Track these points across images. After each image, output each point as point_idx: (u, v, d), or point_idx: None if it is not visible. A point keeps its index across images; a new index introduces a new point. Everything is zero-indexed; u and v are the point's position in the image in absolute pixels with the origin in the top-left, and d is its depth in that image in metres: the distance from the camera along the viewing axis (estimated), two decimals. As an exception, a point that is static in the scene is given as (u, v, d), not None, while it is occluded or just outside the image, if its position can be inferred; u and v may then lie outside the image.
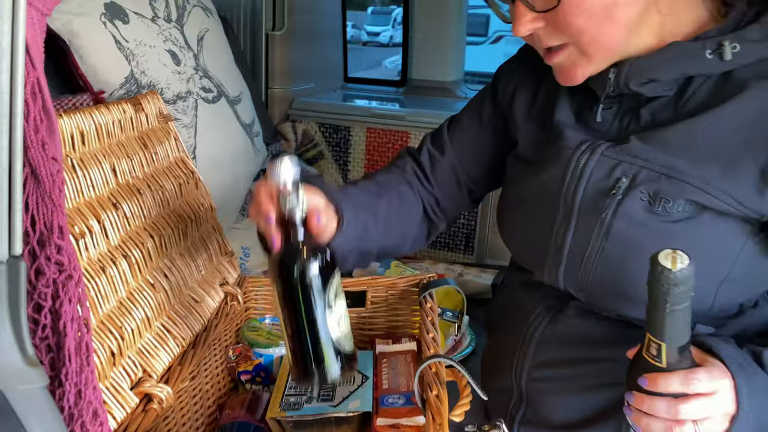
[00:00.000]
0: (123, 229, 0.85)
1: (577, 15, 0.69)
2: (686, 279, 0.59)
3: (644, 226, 0.71)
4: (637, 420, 0.66)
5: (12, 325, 0.45)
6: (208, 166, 1.24)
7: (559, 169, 0.78)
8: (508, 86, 0.91)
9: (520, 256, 0.90)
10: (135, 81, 1.09)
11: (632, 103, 0.76)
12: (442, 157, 0.97)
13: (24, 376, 0.45)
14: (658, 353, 0.63)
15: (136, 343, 0.80)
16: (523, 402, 0.88)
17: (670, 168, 0.70)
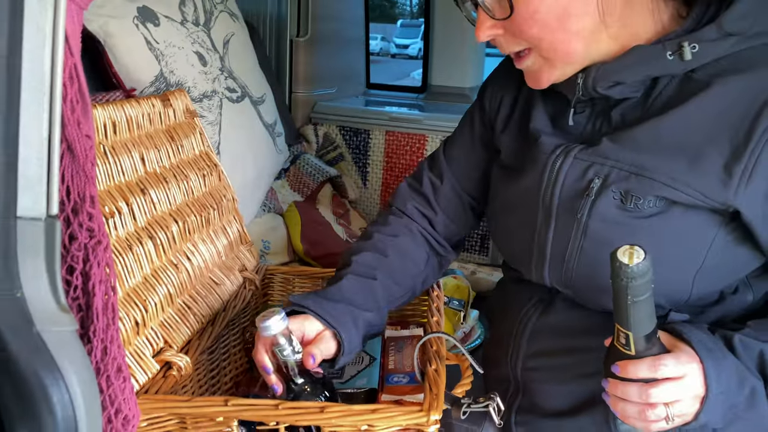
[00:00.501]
0: (150, 212, 0.92)
1: (531, 25, 0.73)
2: (643, 273, 0.62)
3: (618, 224, 0.75)
4: (614, 405, 0.70)
5: (48, 275, 0.51)
6: (231, 161, 1.30)
7: (536, 174, 0.82)
8: (493, 98, 0.95)
9: (509, 257, 0.94)
10: (164, 79, 1.17)
11: (603, 105, 0.80)
12: (442, 183, 1.00)
13: (57, 319, 0.51)
14: (627, 342, 0.67)
15: (158, 316, 0.86)
16: (519, 391, 0.92)
17: (639, 166, 0.74)
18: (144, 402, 0.72)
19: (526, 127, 0.88)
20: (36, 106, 0.49)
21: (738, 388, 0.68)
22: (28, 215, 0.50)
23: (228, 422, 0.73)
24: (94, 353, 0.61)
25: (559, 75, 0.78)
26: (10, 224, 0.49)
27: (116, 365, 0.64)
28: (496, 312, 1.03)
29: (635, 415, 0.68)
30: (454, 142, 1.02)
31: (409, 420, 0.70)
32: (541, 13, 0.72)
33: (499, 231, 0.93)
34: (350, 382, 0.93)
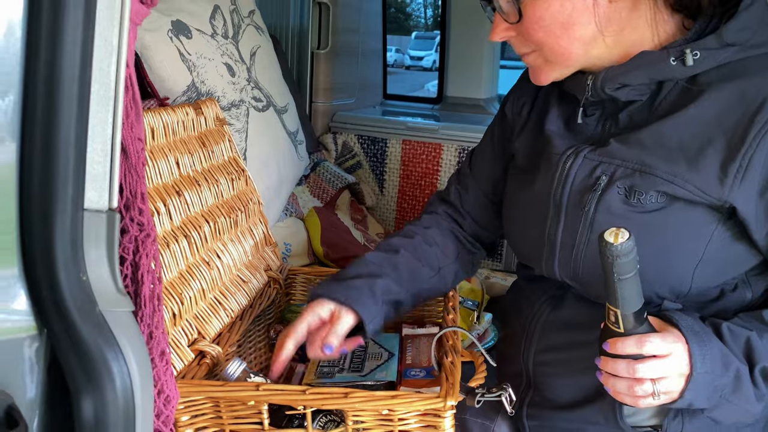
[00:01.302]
0: (184, 213, 0.98)
1: (536, 30, 0.81)
2: (627, 251, 0.68)
3: (622, 218, 0.80)
4: (605, 381, 0.76)
5: (108, 262, 0.58)
6: (257, 167, 1.37)
7: (548, 174, 0.88)
8: (515, 106, 1.02)
9: (521, 253, 0.99)
10: (195, 89, 1.24)
11: (612, 108, 0.86)
12: (467, 191, 1.09)
13: (116, 301, 0.57)
14: (616, 320, 0.72)
15: (192, 309, 0.92)
16: (531, 385, 0.96)
17: (643, 164, 0.80)
18: (182, 386, 0.78)
19: (540, 130, 0.94)
20: (103, 112, 0.56)
21: (723, 371, 0.73)
22: (93, 207, 0.56)
23: (258, 406, 0.79)
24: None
25: (558, 75, 0.87)
26: (78, 215, 0.55)
27: (160, 349, 0.70)
28: (509, 311, 1.08)
29: (624, 390, 0.73)
30: (478, 152, 1.10)
31: (427, 405, 0.76)
32: (546, 20, 0.80)
33: (513, 229, 0.99)
34: (370, 375, 0.98)
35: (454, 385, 0.78)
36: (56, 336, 0.55)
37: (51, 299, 0.54)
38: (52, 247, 0.54)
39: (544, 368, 0.93)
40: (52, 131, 0.53)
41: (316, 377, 0.98)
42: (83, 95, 0.54)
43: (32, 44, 0.51)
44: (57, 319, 0.55)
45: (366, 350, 1.06)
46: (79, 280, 0.56)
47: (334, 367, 1.01)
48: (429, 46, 17.21)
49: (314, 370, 1.00)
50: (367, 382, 0.96)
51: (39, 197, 0.53)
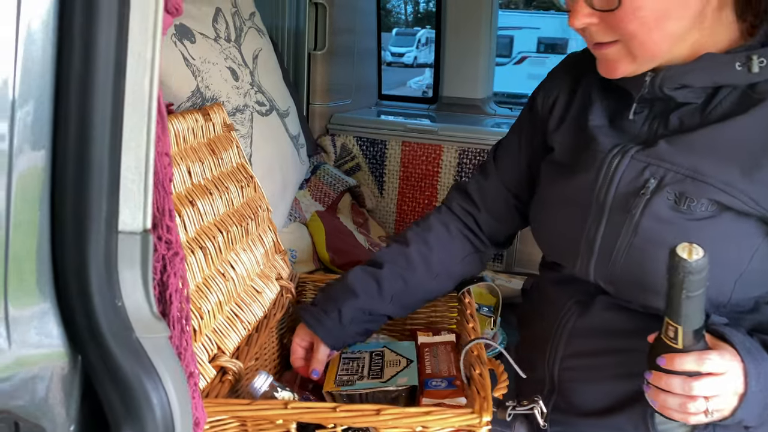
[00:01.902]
0: (198, 223, 0.96)
1: (631, 20, 0.75)
2: (701, 268, 0.67)
3: (669, 224, 0.79)
4: (655, 396, 0.74)
5: (143, 286, 0.55)
6: (262, 173, 1.34)
7: (592, 172, 0.85)
8: (547, 99, 0.99)
9: (554, 251, 0.97)
10: (200, 94, 1.20)
11: (662, 108, 0.84)
12: (486, 180, 1.07)
13: (152, 326, 0.55)
14: (675, 336, 0.71)
15: (211, 323, 0.89)
16: (555, 390, 0.95)
17: (695, 171, 0.78)
18: (207, 405, 0.75)
19: (583, 125, 0.91)
20: (137, 129, 0.53)
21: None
22: (127, 229, 0.54)
23: (287, 425, 0.77)
24: (168, 359, 0.65)
25: (635, 69, 0.81)
26: (112, 238, 0.52)
27: (189, 370, 0.68)
28: (530, 315, 1.06)
29: (675, 407, 0.72)
30: (504, 144, 1.08)
31: (461, 422, 0.74)
32: (645, 10, 0.74)
33: (546, 225, 0.96)
34: (391, 381, 0.96)
35: (487, 399, 0.76)
36: (92, 365, 0.53)
37: (86, 326, 0.52)
38: (86, 272, 0.51)
39: (571, 374, 0.92)
40: (85, 150, 0.50)
41: (336, 385, 0.96)
42: (117, 112, 0.51)
43: (64, 59, 0.49)
44: (92, 347, 0.52)
45: (383, 358, 1.04)
46: (115, 306, 0.53)
47: (353, 375, 0.99)
48: (409, 43, 17.20)
49: (333, 379, 0.98)
50: (389, 387, 0.94)
51: (72, 220, 0.51)
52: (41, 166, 0.50)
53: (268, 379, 0.82)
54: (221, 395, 0.81)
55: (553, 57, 13.16)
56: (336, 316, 0.99)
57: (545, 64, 13.77)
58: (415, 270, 1.02)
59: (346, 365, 1.01)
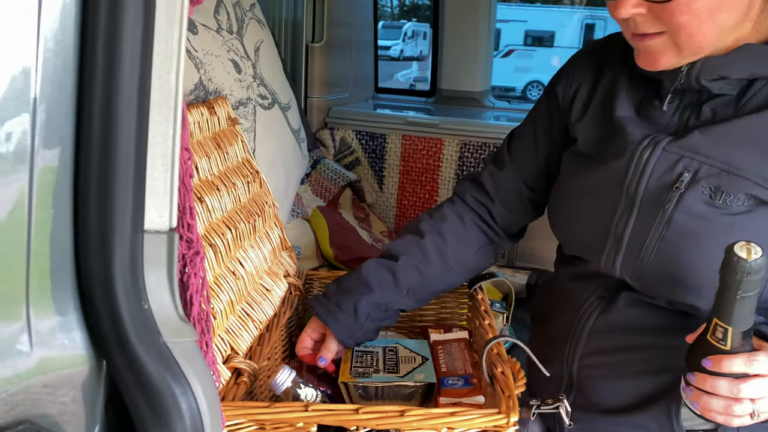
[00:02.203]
0: (207, 220, 0.93)
1: (683, 12, 0.72)
2: (759, 268, 0.64)
3: (704, 219, 0.77)
4: (697, 398, 0.72)
5: (169, 287, 0.53)
6: (266, 168, 1.31)
7: (621, 163, 0.83)
8: (568, 89, 0.97)
9: (577, 245, 0.94)
10: (203, 88, 1.17)
11: (694, 98, 0.82)
12: (501, 171, 1.04)
13: (180, 330, 0.52)
14: (724, 337, 0.68)
15: (224, 323, 0.87)
16: (573, 388, 0.93)
17: (730, 164, 0.76)
18: (225, 409, 0.73)
19: (608, 114, 0.89)
20: (164, 123, 0.50)
21: None
22: (153, 228, 0.51)
23: (307, 427, 0.75)
24: (187, 361, 0.62)
25: (677, 62, 0.78)
26: (138, 237, 0.50)
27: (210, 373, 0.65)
28: (545, 311, 1.04)
29: (720, 409, 0.70)
30: (518, 134, 1.05)
31: (489, 422, 0.72)
32: (698, 2, 0.71)
33: (569, 218, 0.94)
34: (409, 375, 0.94)
35: (512, 398, 0.75)
36: (118, 370, 0.50)
37: (111, 331, 0.49)
38: (111, 274, 0.49)
39: (591, 371, 0.90)
40: (110, 146, 0.47)
41: (352, 376, 0.93)
42: (143, 104, 0.49)
43: (88, 51, 0.46)
44: (118, 352, 0.50)
45: (396, 354, 1.02)
46: (141, 309, 0.50)
47: (369, 368, 0.97)
48: (396, 36, 17.13)
49: (348, 370, 0.95)
50: (407, 382, 0.92)
51: (96, 219, 0.48)
52: (64, 163, 0.47)
53: (291, 375, 0.79)
54: (237, 398, 0.79)
55: (540, 50, 13.15)
56: (351, 311, 0.96)
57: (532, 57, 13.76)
58: (431, 262, 1.00)
59: (360, 358, 0.98)
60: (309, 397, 0.80)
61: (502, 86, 11.88)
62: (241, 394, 0.80)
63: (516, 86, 11.47)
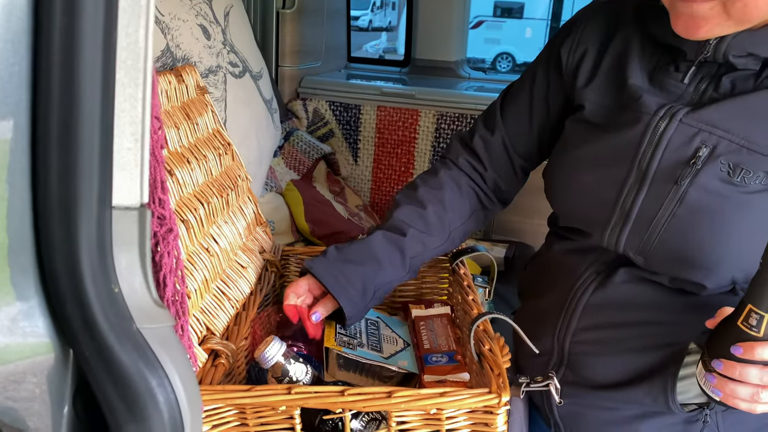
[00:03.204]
0: (178, 195, 0.88)
1: None
2: None
3: (720, 196, 0.74)
4: (722, 386, 0.69)
5: (141, 268, 0.48)
6: (238, 139, 1.26)
7: (635, 134, 0.79)
8: (573, 53, 0.91)
9: (579, 218, 0.90)
10: (171, 54, 1.11)
11: (712, 69, 0.78)
12: (492, 136, 1.00)
13: (154, 315, 0.48)
14: (758, 324, 0.65)
15: (198, 303, 0.83)
16: (564, 363, 0.91)
17: (751, 141, 0.73)
18: (203, 393, 0.69)
19: (619, 81, 0.85)
20: (132, 86, 0.45)
21: None
22: (123, 204, 0.46)
23: (290, 411, 0.71)
24: (162, 346, 0.58)
25: (719, 32, 0.73)
26: (105, 214, 0.45)
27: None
28: (534, 286, 1.02)
29: (747, 397, 0.67)
30: (512, 97, 1.00)
31: (479, 402, 0.70)
32: None
33: (572, 190, 0.89)
34: (393, 358, 0.91)
35: (503, 377, 0.72)
36: (86, 360, 0.46)
37: (78, 317, 0.45)
38: (76, 255, 0.44)
39: (584, 347, 0.88)
40: (72, 112, 0.42)
41: (337, 344, 0.90)
42: (108, 65, 0.43)
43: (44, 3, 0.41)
44: (86, 340, 0.45)
45: (378, 330, 0.99)
46: (111, 293, 0.46)
47: (353, 339, 0.94)
48: (364, 6, 16.87)
49: (333, 336, 0.91)
50: (391, 366, 0.90)
51: (58, 194, 0.43)
52: (17, 133, 0.42)
53: (281, 348, 0.75)
54: (215, 381, 0.75)
55: (510, 21, 13.09)
56: (360, 287, 0.91)
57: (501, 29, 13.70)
58: (432, 233, 0.97)
59: (342, 327, 0.95)
60: (298, 373, 0.76)
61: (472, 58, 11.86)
62: (219, 376, 0.76)
63: (486, 58, 11.41)
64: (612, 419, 0.87)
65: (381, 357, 0.90)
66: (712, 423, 0.81)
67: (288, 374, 0.74)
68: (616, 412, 0.87)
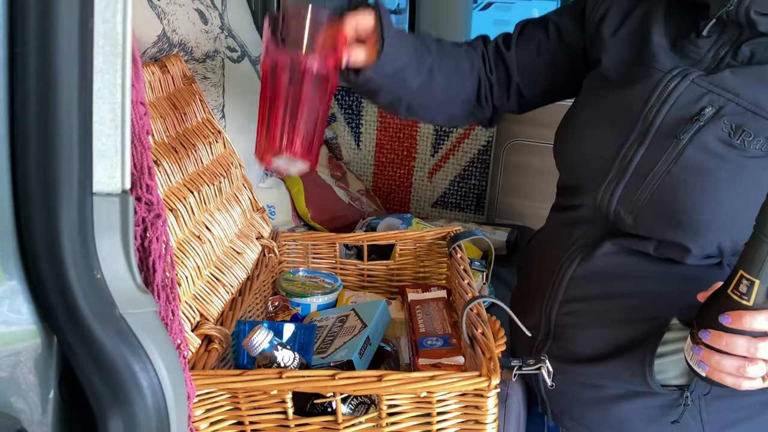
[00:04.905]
0: (166, 184, 0.88)
1: None
2: None
3: (717, 156, 0.73)
4: (708, 358, 0.67)
5: (124, 254, 0.48)
6: (236, 125, 1.26)
7: (645, 89, 0.80)
8: (598, 7, 0.91)
9: (578, 171, 0.90)
10: (167, 39, 1.11)
11: (734, 35, 0.77)
12: (506, 51, 0.98)
13: (138, 300, 0.48)
14: (748, 291, 0.63)
15: (191, 289, 0.83)
16: (550, 337, 0.91)
17: (759, 106, 0.72)
18: (195, 378, 0.70)
19: (641, 41, 0.84)
20: (110, 72, 0.45)
21: None
22: (104, 190, 0.47)
23: (282, 395, 0.72)
24: (153, 331, 0.59)
25: None
26: (86, 201, 0.45)
27: (176, 343, 0.62)
28: (530, 261, 1.01)
29: (732, 370, 0.65)
30: (534, 28, 0.98)
31: (469, 385, 0.70)
32: None
33: (576, 143, 0.90)
34: (331, 356, 0.88)
35: (494, 360, 0.72)
36: (70, 346, 0.46)
37: (61, 303, 0.45)
38: (57, 242, 0.44)
39: (569, 319, 0.88)
40: (49, 98, 0.42)
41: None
42: (85, 52, 0.43)
43: (18, -12, 0.40)
44: (69, 326, 0.46)
45: (343, 324, 0.98)
46: (93, 279, 0.46)
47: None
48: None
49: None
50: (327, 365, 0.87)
51: (38, 181, 0.43)
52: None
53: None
54: (208, 366, 0.75)
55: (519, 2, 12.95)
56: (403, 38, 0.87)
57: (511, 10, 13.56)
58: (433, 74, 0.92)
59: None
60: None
61: (481, 41, 11.67)
62: (213, 361, 0.77)
63: (495, 41, 11.27)
64: (594, 397, 0.87)
65: (320, 358, 0.89)
66: (693, 408, 0.81)
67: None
68: (599, 390, 0.86)
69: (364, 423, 0.74)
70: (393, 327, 1.04)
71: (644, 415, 0.84)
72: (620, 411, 0.85)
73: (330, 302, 1.11)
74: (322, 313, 1.05)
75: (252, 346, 0.74)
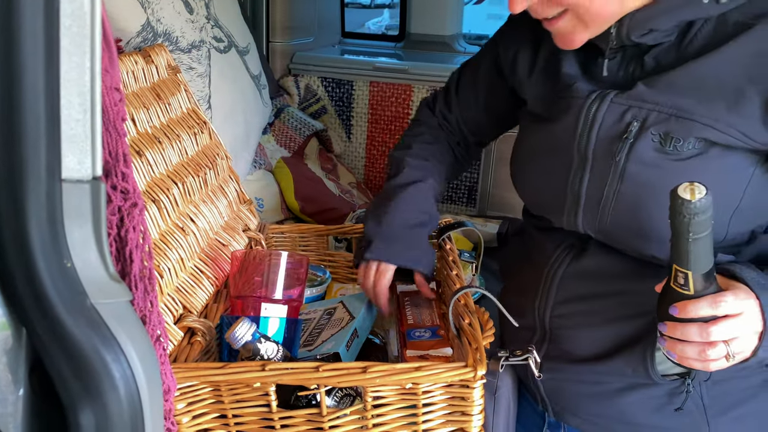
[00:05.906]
0: (149, 175, 0.87)
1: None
2: (705, 208, 0.62)
3: (656, 167, 0.74)
4: (672, 347, 0.70)
5: (96, 243, 0.47)
6: (223, 116, 1.24)
7: (571, 119, 0.81)
8: (508, 52, 0.95)
9: (537, 205, 0.93)
10: (151, 29, 1.09)
11: (635, 51, 0.79)
12: (450, 114, 1.07)
13: (110, 290, 0.47)
14: (686, 282, 0.66)
15: (173, 282, 0.82)
16: (546, 339, 0.91)
17: (679, 109, 0.73)
18: (176, 371, 0.69)
19: (554, 74, 0.86)
20: (78, 54, 0.44)
21: None
22: (74, 177, 0.45)
23: (265, 387, 0.71)
24: (131, 323, 0.57)
25: (591, 35, 0.78)
26: (55, 188, 0.44)
27: (156, 335, 0.61)
28: (514, 261, 1.01)
29: (695, 355, 0.68)
30: (464, 80, 1.07)
31: (455, 376, 0.69)
32: None
33: (527, 178, 0.92)
34: (317, 349, 0.88)
35: (480, 350, 0.71)
36: (40, 337, 0.45)
37: (29, 293, 0.44)
38: (24, 230, 0.43)
39: (564, 320, 0.88)
40: (13, 81, 0.41)
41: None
42: (51, 33, 0.42)
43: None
44: (38, 317, 0.44)
45: (331, 317, 0.97)
46: (63, 268, 0.45)
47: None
48: (366, -17, 16.68)
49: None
50: (308, 360, 0.87)
51: (3, 167, 0.42)
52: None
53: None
54: (190, 359, 0.74)
55: (513, -4, 12.89)
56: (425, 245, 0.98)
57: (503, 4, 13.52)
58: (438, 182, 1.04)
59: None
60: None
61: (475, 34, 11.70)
62: (195, 354, 0.76)
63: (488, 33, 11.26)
64: (596, 393, 0.87)
65: (307, 350, 0.88)
66: (695, 394, 0.81)
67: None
68: (600, 385, 0.86)
69: (349, 415, 0.73)
70: (382, 319, 1.03)
71: (648, 405, 0.84)
72: (624, 403, 0.85)
73: (319, 294, 1.10)
74: (310, 306, 1.04)
75: (234, 338, 0.73)
